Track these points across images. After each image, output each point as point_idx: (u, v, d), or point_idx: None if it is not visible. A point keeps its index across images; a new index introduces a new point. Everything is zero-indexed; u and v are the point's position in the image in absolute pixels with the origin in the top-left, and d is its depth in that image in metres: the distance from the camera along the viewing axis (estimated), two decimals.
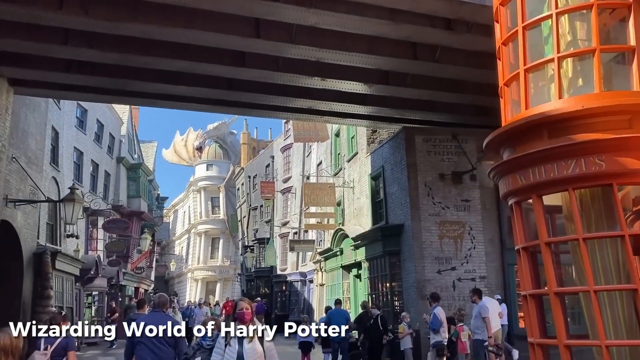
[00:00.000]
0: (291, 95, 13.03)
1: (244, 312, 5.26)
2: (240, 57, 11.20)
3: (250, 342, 5.18)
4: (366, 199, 17.66)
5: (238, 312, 5.27)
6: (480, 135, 14.99)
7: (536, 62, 4.76)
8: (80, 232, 20.84)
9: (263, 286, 31.19)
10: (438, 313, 10.12)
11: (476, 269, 14.09)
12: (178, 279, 55.13)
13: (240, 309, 5.29)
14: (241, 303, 5.39)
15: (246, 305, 5.33)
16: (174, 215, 60.02)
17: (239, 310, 5.28)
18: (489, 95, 13.14)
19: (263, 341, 5.22)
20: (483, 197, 14.40)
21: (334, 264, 20.42)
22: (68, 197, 13.78)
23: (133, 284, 29.41)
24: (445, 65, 11.45)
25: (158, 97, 13.22)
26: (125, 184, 28.59)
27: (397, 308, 14.87)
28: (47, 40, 10.24)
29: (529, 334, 4.80)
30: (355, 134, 19.23)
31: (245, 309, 5.29)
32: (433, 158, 14.47)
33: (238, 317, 5.26)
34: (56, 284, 16.18)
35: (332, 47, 10.58)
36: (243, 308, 5.29)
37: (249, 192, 37.39)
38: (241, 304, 5.37)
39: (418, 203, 14.20)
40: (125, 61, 11.19)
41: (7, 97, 12.22)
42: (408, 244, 14.33)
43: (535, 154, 4.46)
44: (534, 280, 4.77)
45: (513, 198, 4.95)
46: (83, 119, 22.53)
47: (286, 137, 30.23)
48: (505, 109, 5.28)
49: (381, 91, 12.95)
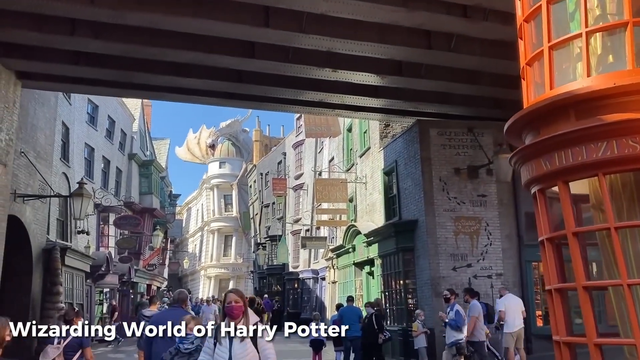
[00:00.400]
0: (301, 87, 12.74)
1: (232, 306, 4.47)
2: (250, 48, 10.93)
3: (241, 342, 4.41)
4: (379, 194, 17.33)
5: (227, 306, 4.49)
6: (497, 129, 14.79)
7: (562, 38, 4.42)
8: (91, 228, 20.78)
9: (275, 284, 30.99)
10: (460, 309, 9.75)
11: (492, 265, 13.70)
12: (191, 277, 55.26)
13: (229, 302, 4.50)
14: (230, 295, 4.57)
15: (236, 297, 4.53)
16: (187, 213, 60.18)
17: (227, 303, 4.50)
18: (506, 87, 12.83)
19: (257, 340, 4.42)
20: (500, 192, 14.00)
21: (346, 261, 20.12)
22: (76, 191, 13.63)
23: (145, 281, 29.37)
24: (460, 55, 11.07)
25: (167, 90, 12.99)
26: (137, 181, 28.53)
27: (410, 306, 14.52)
28: (53, 31, 10.06)
29: (554, 331, 4.45)
30: (367, 128, 18.90)
31: (234, 301, 4.49)
32: (448, 152, 14.10)
33: (227, 311, 4.50)
34: (66, 280, 16.08)
35: (343, 36, 10.25)
36: (232, 301, 4.49)
37: (261, 190, 37.22)
38: (230, 296, 4.56)
39: (432, 198, 13.84)
40: (132, 52, 10.98)
41: (15, 91, 12.07)
42: (422, 240, 13.98)
43: (562, 137, 4.12)
44: (559, 274, 4.42)
45: (537, 185, 4.61)
46: (94, 114, 22.46)
47: (298, 134, 29.98)
48: (527, 90, 4.93)
49: (394, 83, 12.60)
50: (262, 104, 14.03)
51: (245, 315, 4.47)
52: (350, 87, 12.79)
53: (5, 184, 11.66)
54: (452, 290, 10.34)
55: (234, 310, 4.45)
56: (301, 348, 15.08)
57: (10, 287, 13.48)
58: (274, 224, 33.56)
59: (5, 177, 11.63)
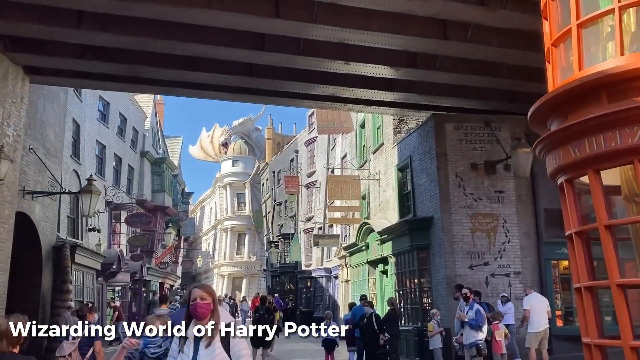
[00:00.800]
0: (313, 81, 12.44)
1: (197, 304, 3.65)
2: (260, 40, 10.65)
3: (207, 346, 3.61)
4: (392, 191, 16.98)
5: (191, 305, 3.68)
6: (515, 122, 14.34)
7: (592, 15, 4.08)
8: (103, 226, 20.70)
9: (288, 282, 30.76)
10: (481, 308, 9.39)
11: (510, 264, 13.31)
12: (205, 275, 55.33)
13: (193, 300, 3.67)
14: (195, 291, 3.73)
15: (202, 293, 3.69)
16: (200, 211, 60.28)
17: (192, 301, 3.68)
18: (523, 79, 12.43)
19: (229, 341, 3.67)
20: (518, 188, 13.60)
21: (360, 259, 19.80)
22: (85, 188, 13.47)
23: (157, 279, 29.31)
24: (477, 46, 10.69)
25: (176, 84, 12.79)
26: (149, 179, 28.46)
27: (425, 305, 14.16)
28: (59, 24, 9.87)
29: (583, 333, 4.10)
30: (381, 124, 18.55)
31: (200, 298, 3.67)
32: (464, 147, 13.71)
33: (191, 310, 3.68)
34: (76, 278, 15.96)
35: (356, 26, 9.93)
36: (197, 298, 3.67)
37: (273, 188, 37.03)
38: (195, 291, 3.71)
39: (448, 194, 13.47)
40: (140, 46, 10.77)
41: (23, 86, 11.93)
42: (438, 237, 13.62)
43: (593, 121, 3.78)
44: (589, 271, 4.08)
45: (564, 175, 4.26)
46: (105, 112, 22.37)
47: (310, 131, 29.71)
48: (552, 73, 4.58)
49: (408, 75, 12.24)
50: (273, 98, 13.75)
51: (214, 315, 3.69)
52: (363, 81, 12.46)
53: (13, 180, 11.52)
54: (470, 288, 9.97)
55: (198, 309, 3.66)
56: (314, 348, 14.82)
57: (20, 285, 13.37)
58: (286, 222, 33.34)
59: (13, 174, 11.48)
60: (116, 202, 21.99)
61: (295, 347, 17.30)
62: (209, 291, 3.78)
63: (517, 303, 12.99)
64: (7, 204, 11.28)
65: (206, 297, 3.71)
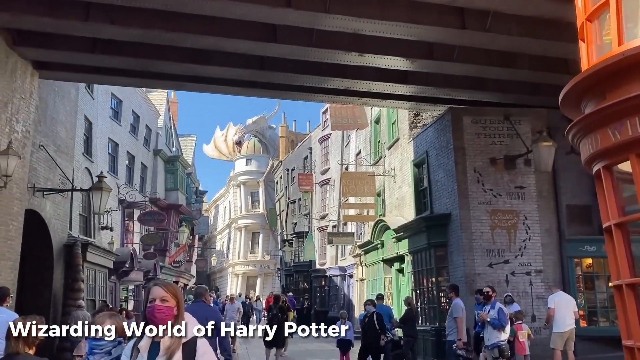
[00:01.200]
0: (326, 74, 12.12)
1: (154, 307, 2.90)
2: (271, 31, 10.35)
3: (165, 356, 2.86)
4: (408, 187, 16.59)
5: (148, 307, 2.94)
6: (536, 116, 13.85)
7: None
8: (115, 224, 20.56)
9: (302, 281, 30.47)
10: (503, 307, 8.99)
11: (531, 262, 12.88)
12: (219, 274, 55.32)
13: (152, 301, 2.92)
14: (155, 290, 2.95)
15: (163, 293, 2.93)
16: (215, 210, 60.27)
17: (150, 302, 2.94)
18: (545, 71, 11.97)
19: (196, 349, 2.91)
20: (539, 184, 13.15)
21: (375, 257, 19.43)
22: (96, 185, 13.26)
23: (171, 278, 29.14)
24: (496, 35, 10.28)
25: (186, 79, 12.57)
26: (162, 177, 28.34)
27: (443, 305, 13.76)
28: (68, 16, 9.68)
29: (624, 335, 3.72)
30: (396, 119, 18.16)
31: (160, 299, 2.91)
32: (483, 141, 13.29)
33: (147, 314, 2.93)
34: (88, 277, 15.80)
35: (370, 16, 9.57)
36: (156, 299, 2.91)
37: (287, 186, 36.77)
38: (155, 291, 2.94)
39: (467, 190, 13.06)
40: (149, 38, 10.53)
41: (32, 81, 11.76)
42: (456, 235, 13.22)
43: (636, 100, 3.41)
44: (631, 266, 3.70)
45: (601, 161, 3.87)
46: (118, 109, 22.24)
47: (324, 128, 29.38)
48: (587, 50, 4.18)
49: (425, 67, 11.86)
50: (285, 92, 13.46)
51: (177, 322, 2.91)
52: (377, 73, 12.11)
53: (22, 176, 11.35)
54: (492, 287, 9.57)
55: (155, 314, 2.88)
56: (329, 348, 14.50)
57: (32, 283, 13.26)
58: (300, 221, 33.07)
59: (22, 170, 11.32)
60: (129, 200, 21.86)
61: (310, 347, 17.01)
62: (173, 291, 2.97)
63: (539, 302, 12.57)
64: (16, 200, 11.12)
65: (167, 298, 2.93)
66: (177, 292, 3.02)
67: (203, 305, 6.54)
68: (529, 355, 9.64)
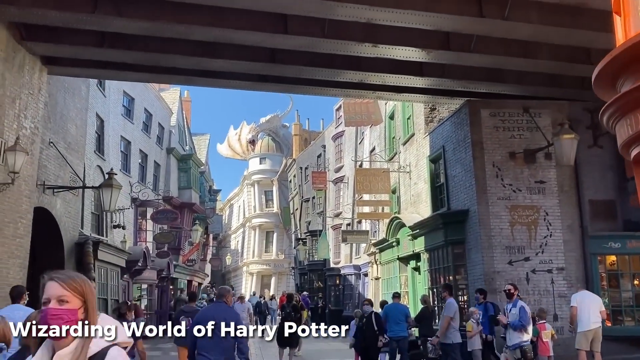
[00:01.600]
0: (339, 67, 11.79)
1: (48, 312, 2.06)
2: (282, 21, 10.05)
3: None
4: (424, 183, 16.20)
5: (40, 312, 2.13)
6: (556, 108, 13.35)
7: None
8: (128, 223, 20.45)
9: (316, 280, 30.17)
10: (525, 306, 8.59)
11: (553, 259, 12.44)
12: (234, 273, 55.31)
13: (45, 302, 2.08)
14: (50, 286, 2.09)
15: (61, 291, 2.08)
16: (229, 209, 60.26)
17: (43, 304, 2.10)
18: (565, 61, 11.53)
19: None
20: (560, 178, 12.70)
21: (390, 255, 19.06)
22: (106, 182, 13.07)
23: (185, 276, 29.06)
24: (515, 24, 9.87)
25: (196, 73, 12.32)
26: (175, 175, 28.23)
27: (461, 303, 13.36)
28: (75, 9, 9.50)
29: None
30: (411, 113, 17.77)
31: (56, 300, 2.08)
32: (502, 134, 12.87)
33: (40, 320, 2.07)
34: (99, 275, 15.66)
35: (384, 4, 9.22)
36: (50, 299, 2.08)
37: (300, 184, 36.50)
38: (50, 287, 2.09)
39: (485, 186, 12.66)
40: (157, 31, 10.31)
41: (40, 77, 11.60)
42: (474, 232, 12.82)
43: None
44: None
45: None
46: (130, 107, 22.12)
47: (337, 125, 29.03)
48: (624, 24, 3.82)
49: (441, 58, 11.47)
50: (297, 86, 13.16)
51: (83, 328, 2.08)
52: (392, 65, 11.75)
53: (30, 174, 11.19)
54: (514, 284, 9.16)
55: (49, 319, 2.05)
56: (343, 348, 14.18)
57: None
58: (314, 219, 32.77)
59: (31, 167, 11.15)
60: (142, 198, 21.72)
61: (324, 346, 16.68)
62: (76, 287, 2.09)
63: (561, 301, 12.14)
64: (25, 198, 10.95)
65: (68, 299, 2.06)
66: (84, 287, 2.12)
67: (224, 306, 6.46)
68: (552, 357, 9.22)
